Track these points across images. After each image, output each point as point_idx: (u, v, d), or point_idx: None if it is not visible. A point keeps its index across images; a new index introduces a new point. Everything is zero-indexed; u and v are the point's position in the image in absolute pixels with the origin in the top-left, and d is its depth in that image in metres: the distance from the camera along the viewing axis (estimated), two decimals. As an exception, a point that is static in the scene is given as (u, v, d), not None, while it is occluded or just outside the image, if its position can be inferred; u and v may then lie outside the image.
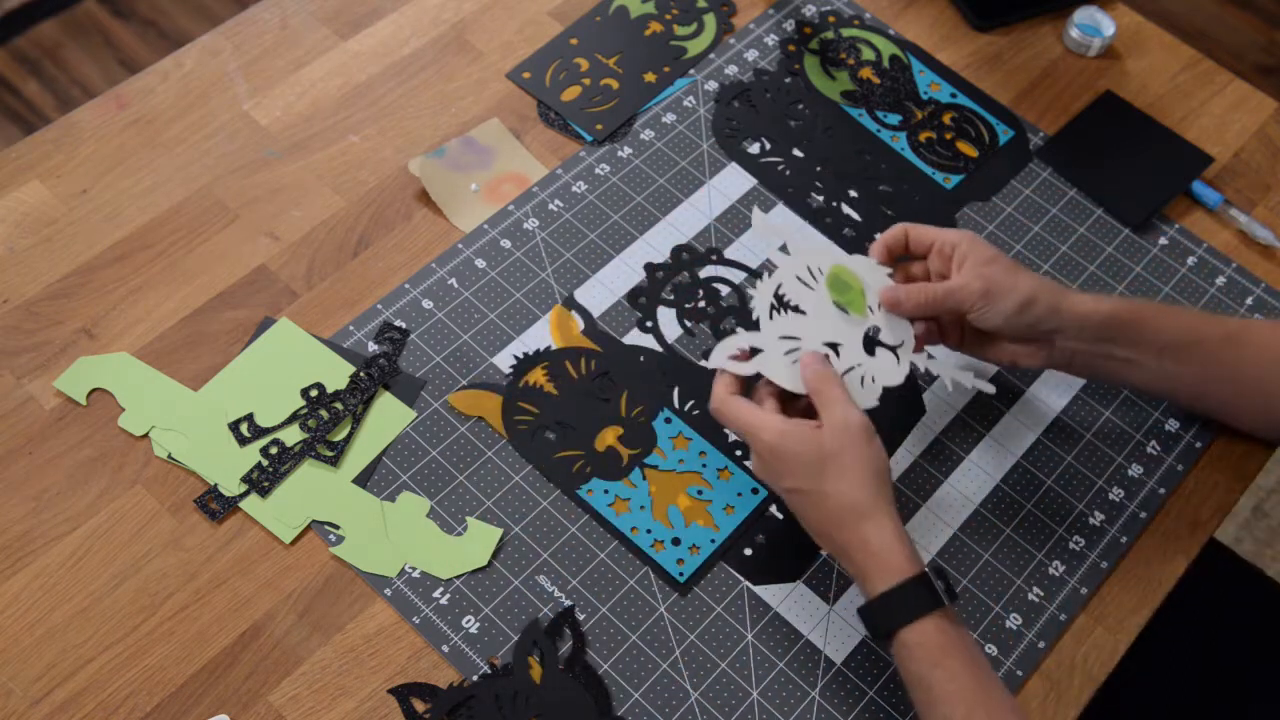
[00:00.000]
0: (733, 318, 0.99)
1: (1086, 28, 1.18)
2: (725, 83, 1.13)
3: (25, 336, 0.94)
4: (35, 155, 1.03)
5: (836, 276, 0.88)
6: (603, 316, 0.98)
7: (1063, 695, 0.86)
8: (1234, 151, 1.13)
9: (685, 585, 0.87)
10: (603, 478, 0.90)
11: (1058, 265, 1.05)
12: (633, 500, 0.90)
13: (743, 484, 0.91)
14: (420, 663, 0.83)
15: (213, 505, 0.87)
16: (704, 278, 1.01)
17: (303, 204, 1.02)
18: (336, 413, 0.91)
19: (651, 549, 0.88)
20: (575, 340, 0.97)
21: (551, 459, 0.91)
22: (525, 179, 1.06)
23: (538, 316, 0.98)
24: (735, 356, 0.84)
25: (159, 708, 0.81)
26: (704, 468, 0.91)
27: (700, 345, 0.97)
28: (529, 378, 0.95)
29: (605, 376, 0.95)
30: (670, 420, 0.93)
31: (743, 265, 1.02)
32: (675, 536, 0.88)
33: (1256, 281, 1.05)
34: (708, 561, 0.88)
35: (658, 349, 0.97)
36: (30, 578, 0.84)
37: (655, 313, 0.99)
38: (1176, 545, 0.93)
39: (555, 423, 0.93)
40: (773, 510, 0.90)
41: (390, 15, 1.14)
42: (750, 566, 0.88)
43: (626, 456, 0.92)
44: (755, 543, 0.89)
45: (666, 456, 0.92)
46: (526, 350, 0.96)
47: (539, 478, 0.91)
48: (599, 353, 0.96)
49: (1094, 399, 0.98)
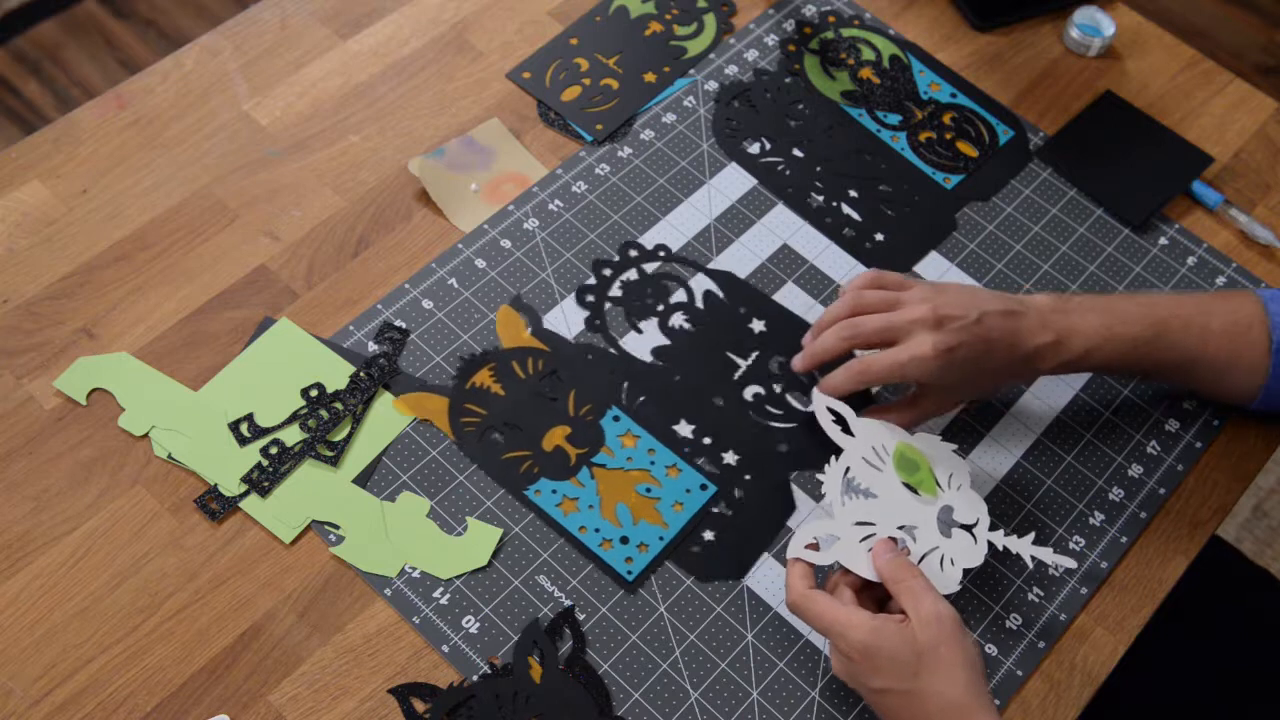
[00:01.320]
0: (681, 314, 0.98)
1: (1086, 28, 1.18)
2: (725, 83, 1.13)
3: (25, 336, 0.94)
4: (35, 155, 1.03)
5: (903, 455, 0.86)
6: (550, 319, 0.98)
7: (1063, 695, 0.86)
8: (1234, 151, 1.14)
9: (633, 584, 0.86)
10: (550, 478, 0.90)
11: (1058, 265, 1.05)
12: (581, 499, 0.89)
13: (691, 480, 0.91)
14: (420, 663, 0.83)
15: (213, 505, 0.87)
16: (652, 274, 1.01)
17: (303, 204, 1.02)
18: (336, 413, 0.91)
19: (600, 548, 0.88)
20: (523, 340, 0.97)
21: (499, 460, 0.91)
22: (525, 179, 1.06)
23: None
24: (810, 546, 0.82)
25: (159, 708, 0.81)
26: (653, 465, 0.91)
27: (648, 343, 0.97)
28: (475, 379, 0.94)
29: (553, 376, 0.95)
30: (619, 418, 0.93)
31: (692, 262, 1.01)
32: (624, 535, 0.88)
33: (1256, 281, 1.05)
34: (656, 559, 0.88)
35: (605, 347, 0.97)
36: (30, 578, 0.84)
37: (603, 311, 0.99)
38: (1176, 545, 0.93)
39: (503, 423, 0.92)
40: (721, 507, 0.90)
41: (390, 15, 1.14)
42: (698, 564, 0.88)
43: (574, 456, 0.91)
44: (703, 540, 0.89)
45: (615, 455, 0.92)
46: (474, 351, 0.96)
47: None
48: (546, 352, 0.96)
49: (1094, 399, 0.98)
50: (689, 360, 0.96)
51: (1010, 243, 1.06)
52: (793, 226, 1.05)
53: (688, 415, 0.94)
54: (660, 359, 0.96)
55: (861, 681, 0.77)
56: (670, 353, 0.97)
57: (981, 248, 1.05)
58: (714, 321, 0.99)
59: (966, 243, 1.05)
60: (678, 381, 0.95)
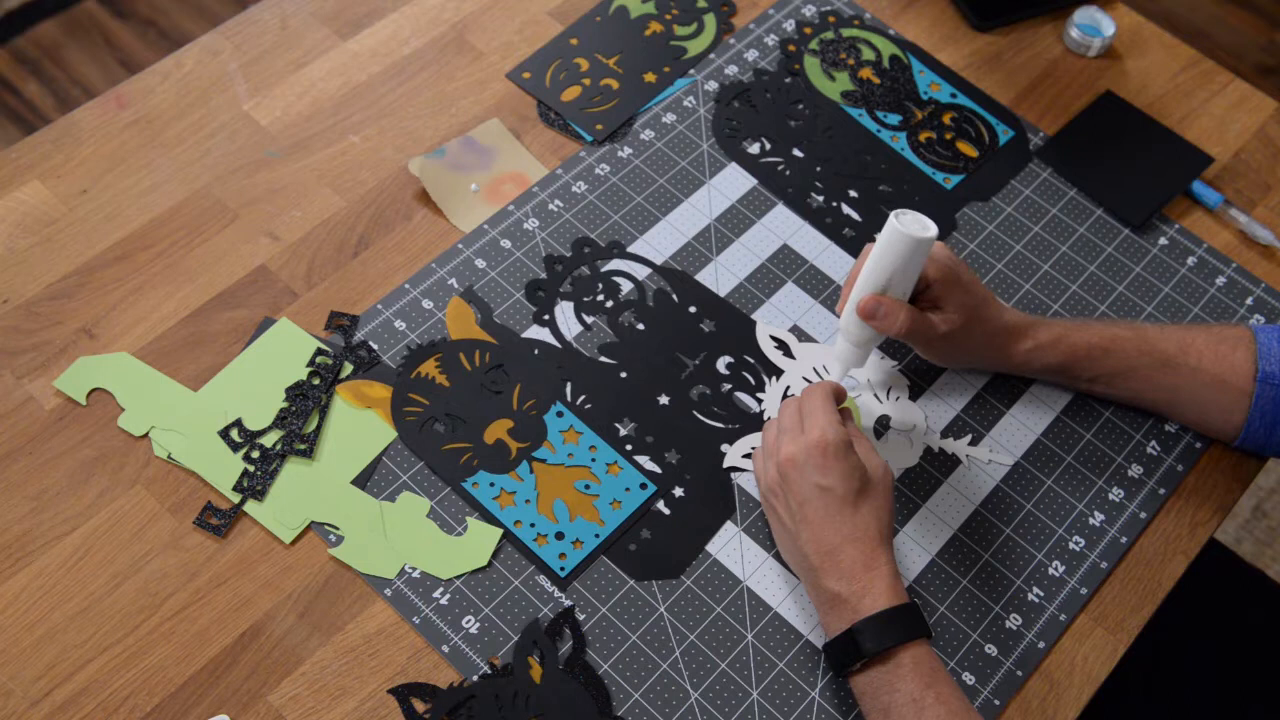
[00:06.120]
0: (631, 312, 0.99)
1: (1086, 28, 1.18)
2: (725, 83, 1.13)
3: (25, 336, 0.94)
4: (35, 155, 1.03)
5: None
6: (501, 313, 0.98)
7: (1063, 695, 0.86)
8: (1234, 151, 1.14)
9: (565, 579, 0.86)
10: (490, 470, 0.90)
11: (1058, 265, 1.05)
12: (518, 494, 0.89)
13: (631, 479, 0.91)
14: (420, 663, 0.83)
15: (213, 521, 0.87)
16: (604, 271, 1.01)
17: (303, 204, 1.02)
18: (305, 407, 0.91)
19: (534, 543, 0.88)
20: (471, 332, 0.96)
21: (439, 451, 0.91)
22: (525, 179, 1.06)
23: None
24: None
25: (159, 708, 0.81)
26: (593, 462, 0.91)
27: (596, 339, 0.97)
28: (421, 369, 0.94)
29: (499, 369, 0.95)
30: (562, 414, 0.93)
31: (646, 260, 1.01)
32: (559, 531, 0.88)
33: (1256, 282, 1.05)
34: (590, 556, 0.88)
35: (554, 343, 0.97)
36: (30, 578, 0.84)
37: (553, 307, 0.99)
38: (1176, 545, 0.93)
39: (445, 414, 0.92)
40: (659, 506, 0.90)
41: (390, 15, 1.14)
42: (634, 563, 0.88)
43: (515, 450, 0.91)
44: (640, 538, 0.89)
45: (556, 450, 0.91)
46: (421, 342, 0.96)
47: (539, 478, 0.91)
48: (494, 345, 0.96)
49: (1093, 400, 0.98)
50: (637, 358, 0.96)
51: (1010, 243, 1.06)
52: (793, 226, 1.05)
53: (631, 413, 0.94)
54: (608, 356, 0.96)
55: (807, 474, 0.82)
56: (619, 350, 0.97)
57: (981, 248, 1.05)
58: (664, 320, 0.99)
59: (966, 243, 1.05)
60: (624, 379, 0.95)
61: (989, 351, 0.93)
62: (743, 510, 0.91)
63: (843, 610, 0.79)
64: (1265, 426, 0.91)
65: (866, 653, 0.77)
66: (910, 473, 0.93)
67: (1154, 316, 1.03)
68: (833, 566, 0.80)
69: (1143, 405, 0.96)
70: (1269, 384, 0.89)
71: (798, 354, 0.98)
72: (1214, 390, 0.91)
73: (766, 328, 0.99)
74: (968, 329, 0.90)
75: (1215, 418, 0.93)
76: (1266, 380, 0.89)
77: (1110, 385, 0.94)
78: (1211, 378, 0.91)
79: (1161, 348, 0.92)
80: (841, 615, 0.79)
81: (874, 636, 0.77)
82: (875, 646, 0.77)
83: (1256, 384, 0.89)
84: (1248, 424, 0.91)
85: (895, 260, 0.86)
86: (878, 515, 0.81)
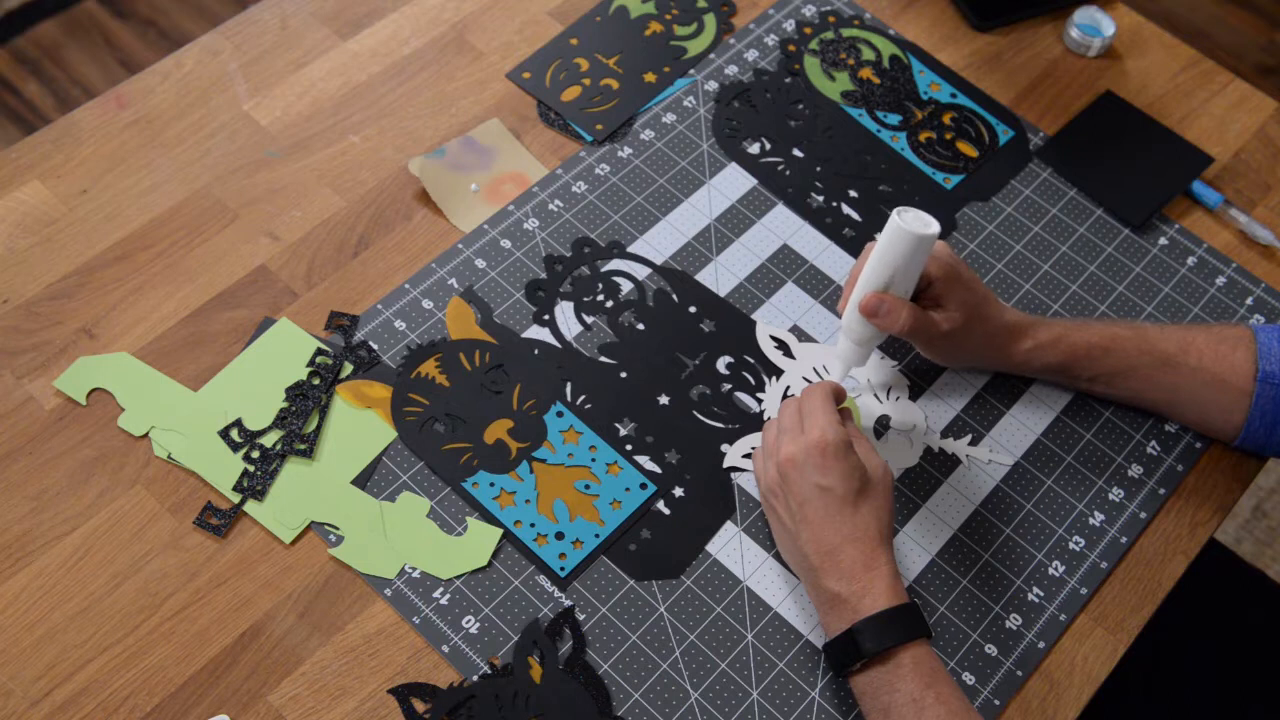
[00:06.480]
0: (631, 312, 0.99)
1: (1086, 28, 1.18)
2: (725, 83, 1.13)
3: (25, 336, 0.94)
4: (35, 155, 1.03)
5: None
6: (501, 313, 0.98)
7: (1063, 695, 0.86)
8: (1234, 151, 1.14)
9: (565, 579, 0.86)
10: (490, 470, 0.90)
11: (1058, 265, 1.05)
12: (518, 494, 0.89)
13: (631, 479, 0.91)
14: (420, 663, 0.83)
15: (213, 521, 0.87)
16: (604, 271, 1.01)
17: (302, 204, 1.02)
18: (306, 406, 0.91)
19: (534, 543, 0.88)
20: (471, 332, 0.96)
21: (439, 451, 0.91)
22: (525, 179, 1.06)
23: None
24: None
25: (159, 708, 0.81)
26: (593, 462, 0.91)
27: (596, 339, 0.97)
28: (421, 369, 0.94)
29: (499, 369, 0.95)
30: (562, 414, 0.93)
31: (647, 260, 1.01)
32: (559, 531, 0.88)
33: (1256, 282, 1.05)
34: (590, 556, 0.88)
35: (554, 343, 0.97)
36: (30, 578, 0.84)
37: (553, 307, 0.99)
38: (1176, 545, 0.93)
39: (445, 414, 0.92)
40: (659, 506, 0.90)
41: (390, 15, 1.14)
42: (634, 563, 0.88)
43: (515, 450, 0.91)
44: (640, 538, 0.89)
45: (556, 450, 0.92)
46: (421, 342, 0.96)
47: (539, 478, 0.91)
48: (494, 345, 0.96)
49: (1093, 400, 0.98)
50: (637, 358, 0.96)
51: (1010, 243, 1.06)
52: (793, 226, 1.05)
53: (631, 413, 0.94)
54: (608, 356, 0.96)
55: (807, 474, 0.81)
56: (619, 350, 0.97)
57: (981, 248, 1.05)
58: (664, 320, 0.99)
59: (967, 243, 1.05)
60: (624, 379, 0.95)
61: (989, 350, 0.93)
62: (743, 510, 0.91)
63: (843, 610, 0.79)
64: (1265, 426, 0.91)
65: (866, 653, 0.77)
66: (910, 473, 0.93)
67: (1154, 316, 1.03)
68: (833, 566, 0.80)
69: (1143, 405, 0.96)
70: (1269, 384, 0.89)
71: (798, 354, 0.98)
72: (1214, 390, 0.91)
73: (766, 328, 0.99)
74: (968, 327, 0.90)
75: (1215, 417, 0.93)
76: (1266, 380, 0.89)
77: (1110, 385, 0.94)
78: (1212, 377, 0.91)
79: (1161, 347, 0.92)
80: (841, 615, 0.79)
81: (874, 636, 0.77)
82: (875, 646, 0.77)
83: (1256, 384, 0.89)
84: (1248, 424, 0.91)
85: (898, 258, 0.86)
86: (878, 515, 0.82)
